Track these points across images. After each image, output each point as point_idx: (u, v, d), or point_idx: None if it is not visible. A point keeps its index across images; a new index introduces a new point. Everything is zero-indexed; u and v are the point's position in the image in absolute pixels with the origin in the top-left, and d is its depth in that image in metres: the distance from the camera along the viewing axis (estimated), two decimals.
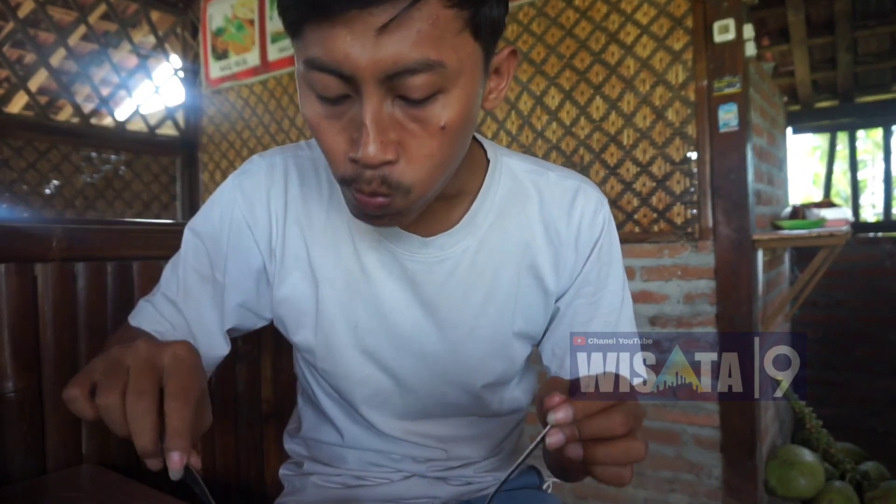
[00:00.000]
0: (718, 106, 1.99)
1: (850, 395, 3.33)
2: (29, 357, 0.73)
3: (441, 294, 0.65)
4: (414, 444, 0.73)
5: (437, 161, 0.51)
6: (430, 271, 0.64)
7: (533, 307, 0.68)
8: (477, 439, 0.75)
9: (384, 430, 0.71)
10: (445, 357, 0.67)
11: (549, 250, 0.67)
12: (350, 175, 0.50)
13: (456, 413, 0.73)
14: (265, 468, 1.00)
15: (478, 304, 0.66)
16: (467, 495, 0.76)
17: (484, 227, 0.65)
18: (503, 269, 0.66)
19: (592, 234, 0.68)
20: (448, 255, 0.64)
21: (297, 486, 0.78)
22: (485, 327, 0.67)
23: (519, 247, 0.66)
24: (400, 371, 0.68)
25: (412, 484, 0.74)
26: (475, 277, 0.66)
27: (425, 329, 0.66)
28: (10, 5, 2.88)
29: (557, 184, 0.68)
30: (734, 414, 1.98)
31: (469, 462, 0.75)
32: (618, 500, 2.19)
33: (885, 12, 3.07)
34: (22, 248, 0.74)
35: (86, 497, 0.67)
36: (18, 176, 2.95)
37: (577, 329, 0.67)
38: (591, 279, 0.68)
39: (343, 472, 0.75)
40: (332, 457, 0.76)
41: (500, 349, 0.69)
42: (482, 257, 0.65)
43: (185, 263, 0.65)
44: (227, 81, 3.30)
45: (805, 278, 2.29)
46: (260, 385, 0.99)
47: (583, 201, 0.68)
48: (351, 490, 0.74)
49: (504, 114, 2.42)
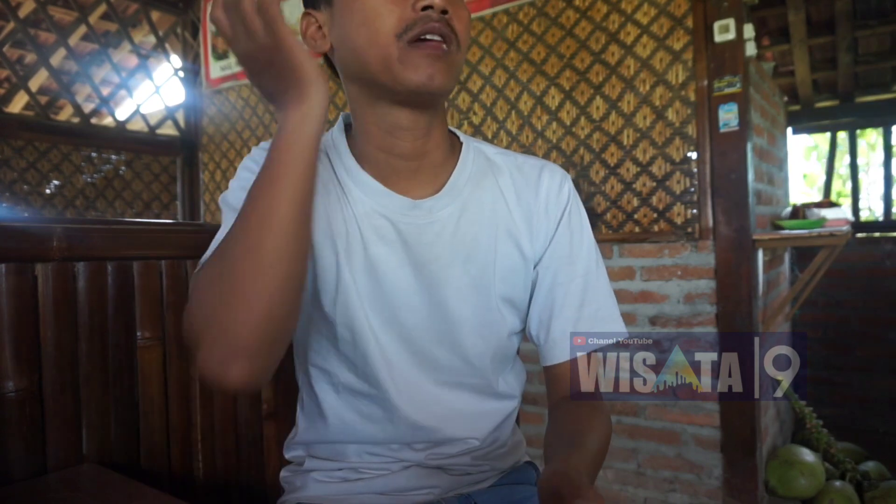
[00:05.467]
0: (719, 106, 1.99)
1: (850, 395, 3.33)
2: (29, 357, 0.73)
3: (429, 254, 0.70)
4: (414, 427, 0.72)
5: (467, 29, 0.66)
6: (419, 232, 0.70)
7: (512, 272, 0.74)
8: (472, 419, 0.76)
9: (393, 401, 0.71)
10: (435, 316, 0.71)
11: (523, 217, 0.74)
12: (411, 20, 0.61)
13: (451, 381, 0.74)
14: (265, 468, 1.00)
15: (460, 265, 0.71)
16: (465, 487, 0.77)
17: (464, 194, 0.72)
18: (482, 234, 0.73)
19: (560, 202, 0.76)
20: (435, 218, 0.71)
21: (298, 484, 0.78)
22: (468, 287, 0.72)
23: (495, 214, 0.73)
24: (399, 331, 0.71)
25: (411, 474, 0.75)
26: (458, 241, 0.71)
27: (415, 287, 0.70)
28: (10, 5, 2.88)
29: (524, 162, 0.78)
30: (734, 414, 1.98)
31: (466, 450, 0.76)
32: (618, 500, 2.19)
33: (886, 12, 3.07)
34: (22, 248, 0.74)
35: (86, 497, 0.67)
36: (19, 175, 2.95)
37: (559, 288, 0.74)
38: (565, 243, 0.75)
39: (343, 466, 0.75)
40: (332, 452, 0.76)
41: (485, 312, 0.73)
42: (463, 223, 0.72)
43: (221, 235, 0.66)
44: (228, 81, 3.30)
45: (805, 278, 2.29)
46: None
47: (548, 176, 0.76)
48: (351, 483, 0.75)
49: (504, 114, 2.42)
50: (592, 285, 0.75)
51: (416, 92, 0.63)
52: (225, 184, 3.39)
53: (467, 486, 0.77)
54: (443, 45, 0.62)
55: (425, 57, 0.62)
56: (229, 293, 0.52)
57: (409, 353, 0.72)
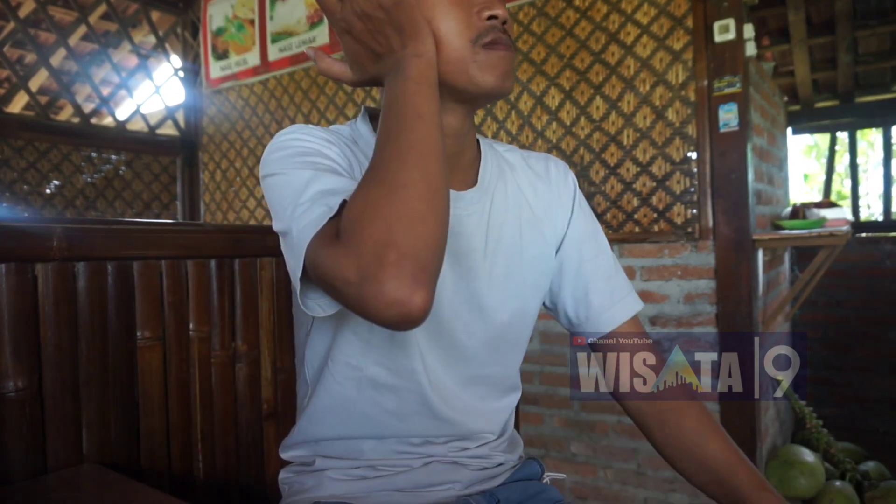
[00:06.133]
0: (719, 106, 1.99)
1: (850, 395, 3.33)
2: (29, 357, 0.73)
3: (466, 246, 0.73)
4: (441, 420, 0.73)
5: (511, 31, 0.70)
6: (459, 224, 0.72)
7: (538, 259, 0.79)
8: (491, 413, 0.79)
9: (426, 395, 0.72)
10: (469, 308, 0.74)
11: (540, 206, 0.80)
12: (484, 29, 0.65)
13: (476, 375, 0.76)
14: (265, 468, 1.00)
15: (491, 255, 0.75)
16: (483, 483, 0.77)
17: (491, 188, 0.76)
18: (507, 225, 0.77)
19: (568, 189, 0.82)
20: (473, 210, 0.74)
21: (310, 484, 0.77)
22: (501, 277, 0.75)
23: (517, 205, 0.78)
24: (435, 325, 0.72)
25: (432, 470, 0.75)
26: (490, 232, 0.75)
27: (451, 279, 0.72)
28: (10, 5, 2.88)
29: (529, 156, 0.84)
30: (734, 414, 1.98)
31: (483, 442, 0.78)
32: (618, 500, 2.19)
33: (886, 12, 3.07)
34: (22, 248, 0.74)
35: (86, 497, 0.67)
36: (19, 176, 2.95)
37: (588, 264, 0.80)
38: (582, 224, 0.82)
39: (361, 465, 0.75)
40: (345, 450, 0.75)
41: (516, 301, 0.77)
42: (493, 215, 0.76)
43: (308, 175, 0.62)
44: (228, 81, 3.30)
45: (805, 278, 2.29)
46: (260, 385, 0.99)
47: (554, 166, 0.83)
48: (370, 481, 0.74)
49: (504, 114, 2.42)
50: (614, 261, 0.82)
51: (490, 93, 0.67)
52: (225, 184, 3.39)
53: (484, 483, 0.77)
54: (510, 50, 0.67)
55: (500, 59, 0.66)
56: (406, 213, 0.51)
57: (440, 347, 0.73)
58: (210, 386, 0.92)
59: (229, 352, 0.95)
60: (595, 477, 2.23)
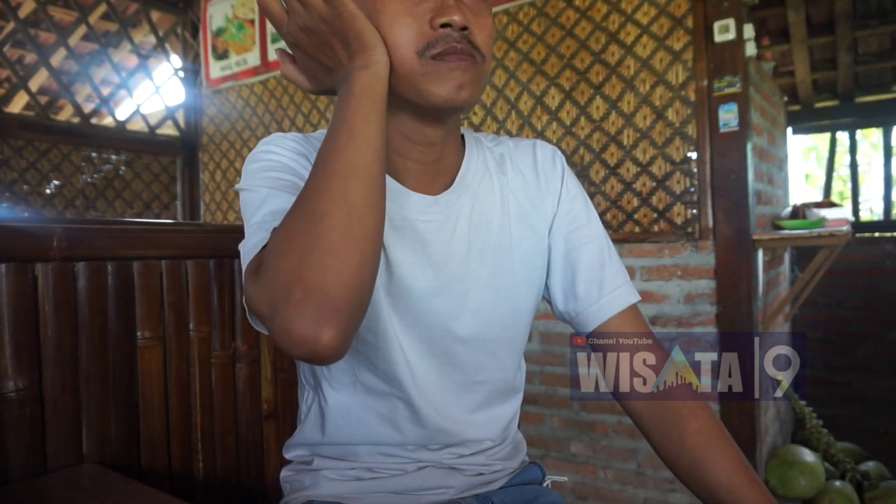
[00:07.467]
0: (718, 106, 1.99)
1: (850, 395, 3.33)
2: (29, 357, 0.73)
3: (447, 252, 0.71)
4: (433, 429, 0.72)
5: (490, 39, 0.65)
6: (439, 230, 0.70)
7: (530, 253, 0.76)
8: (489, 420, 0.77)
9: (415, 403, 0.71)
10: (458, 315, 0.71)
11: (527, 197, 0.77)
12: (434, 38, 0.60)
13: (472, 381, 0.74)
14: (265, 468, 1.00)
15: (477, 256, 0.72)
16: (479, 487, 0.77)
17: (474, 184, 0.73)
18: (494, 222, 0.74)
19: (556, 173, 0.78)
20: (452, 212, 0.71)
21: (308, 482, 0.77)
22: (489, 278, 0.73)
23: (504, 200, 0.75)
24: (422, 334, 0.71)
25: (427, 474, 0.74)
26: (474, 233, 0.72)
27: (437, 288, 0.70)
28: (10, 5, 2.88)
29: (516, 144, 0.80)
30: (734, 414, 1.98)
31: (481, 450, 0.76)
32: (618, 500, 2.19)
33: (886, 12, 3.07)
34: (22, 248, 0.74)
35: (86, 497, 0.67)
36: (19, 176, 2.95)
37: (573, 253, 0.76)
38: (569, 210, 0.77)
39: (356, 466, 0.75)
40: (342, 453, 0.76)
41: (508, 300, 0.74)
42: (477, 212, 0.73)
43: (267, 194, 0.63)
44: (228, 81, 3.30)
45: (805, 278, 2.29)
46: (260, 385, 1.00)
47: (541, 151, 0.79)
48: (365, 482, 0.74)
49: (504, 114, 2.42)
50: (608, 249, 0.77)
51: (442, 107, 0.62)
52: (225, 184, 3.40)
53: (480, 487, 0.77)
54: (466, 58, 0.61)
55: (452, 70, 0.61)
56: (319, 246, 0.50)
57: (431, 355, 0.72)
58: (210, 386, 0.92)
59: (229, 352, 0.95)
60: (595, 477, 2.23)
